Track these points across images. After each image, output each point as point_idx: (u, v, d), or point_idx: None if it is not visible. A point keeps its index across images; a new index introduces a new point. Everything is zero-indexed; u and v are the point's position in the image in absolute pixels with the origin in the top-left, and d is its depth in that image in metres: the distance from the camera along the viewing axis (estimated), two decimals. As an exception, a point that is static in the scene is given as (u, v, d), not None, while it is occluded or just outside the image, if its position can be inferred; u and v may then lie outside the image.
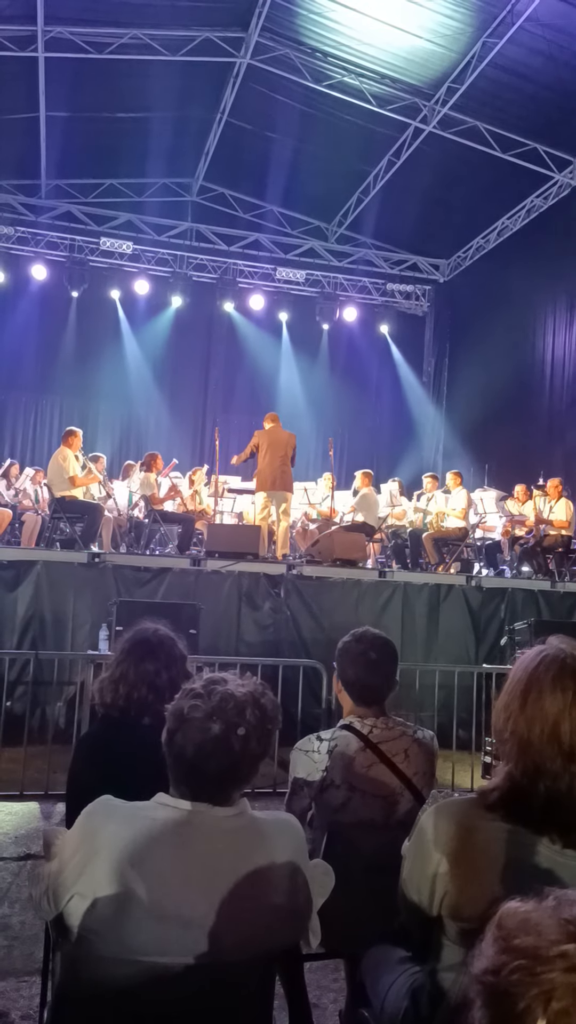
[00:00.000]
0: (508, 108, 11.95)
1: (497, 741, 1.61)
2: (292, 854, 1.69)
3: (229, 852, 1.61)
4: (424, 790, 2.64)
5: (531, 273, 14.04)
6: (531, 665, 1.59)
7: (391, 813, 2.58)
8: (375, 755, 2.61)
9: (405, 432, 17.28)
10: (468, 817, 1.59)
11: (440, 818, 1.63)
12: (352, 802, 2.58)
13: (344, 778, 2.59)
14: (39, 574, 7.36)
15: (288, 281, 16.55)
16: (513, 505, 11.34)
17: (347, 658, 2.72)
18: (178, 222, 16.16)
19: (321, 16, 11.39)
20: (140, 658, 2.50)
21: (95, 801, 1.68)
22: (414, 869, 1.67)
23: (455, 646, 8.16)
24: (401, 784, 2.60)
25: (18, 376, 15.67)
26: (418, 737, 2.71)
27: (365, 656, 2.67)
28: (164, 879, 1.55)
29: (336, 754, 2.62)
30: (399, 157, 13.61)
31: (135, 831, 1.59)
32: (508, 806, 1.56)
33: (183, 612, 6.51)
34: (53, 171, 14.70)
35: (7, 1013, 2.87)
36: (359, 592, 8.15)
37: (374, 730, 2.66)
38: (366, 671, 2.68)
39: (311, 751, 2.66)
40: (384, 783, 2.60)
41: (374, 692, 2.71)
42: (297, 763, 2.68)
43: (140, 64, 12.17)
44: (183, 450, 15.09)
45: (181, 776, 1.65)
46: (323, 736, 2.69)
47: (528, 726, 1.53)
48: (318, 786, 2.62)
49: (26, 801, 5.33)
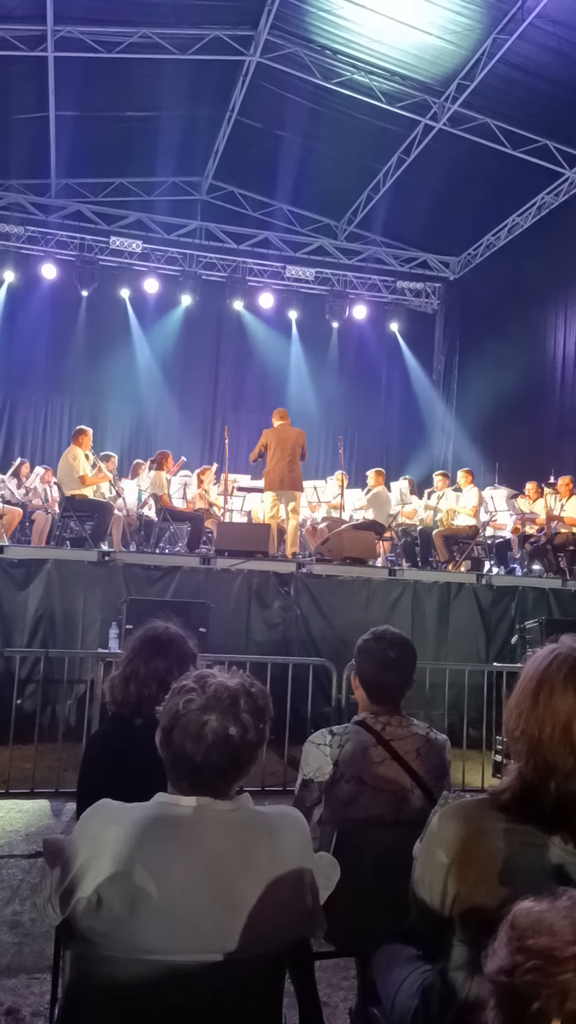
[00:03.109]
0: (518, 105, 11.89)
1: (508, 740, 1.61)
2: (297, 847, 1.69)
3: (234, 847, 1.61)
4: (435, 789, 2.63)
5: (542, 270, 13.99)
6: (543, 664, 1.58)
7: (400, 810, 2.58)
8: (387, 751, 2.61)
9: (415, 430, 17.24)
10: (479, 817, 1.59)
11: (450, 819, 1.62)
12: (362, 797, 2.59)
13: (354, 772, 2.60)
14: (49, 573, 7.37)
15: (298, 279, 16.54)
16: (524, 503, 11.29)
17: (366, 656, 2.73)
18: (187, 221, 16.18)
19: (330, 13, 11.36)
20: (151, 656, 2.50)
21: (94, 805, 1.68)
22: (425, 869, 1.66)
23: (465, 645, 8.13)
24: (412, 782, 2.60)
25: (28, 375, 15.71)
26: (431, 738, 2.71)
27: (383, 655, 2.69)
28: (169, 877, 1.55)
29: (348, 748, 2.63)
30: (409, 154, 13.57)
31: (137, 831, 1.58)
32: (519, 806, 1.55)
33: (193, 610, 6.51)
34: (63, 170, 14.73)
35: (18, 1010, 2.88)
36: (369, 590, 8.13)
37: (387, 727, 2.67)
38: (383, 669, 2.69)
39: (323, 744, 2.67)
40: (394, 779, 2.60)
41: (390, 691, 2.72)
42: (309, 756, 2.70)
43: (150, 63, 12.17)
44: (192, 449, 15.10)
45: (181, 772, 1.65)
46: (335, 730, 2.71)
47: (539, 725, 1.52)
48: (328, 779, 2.63)
49: (36, 799, 5.34)
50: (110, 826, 1.60)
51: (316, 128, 13.73)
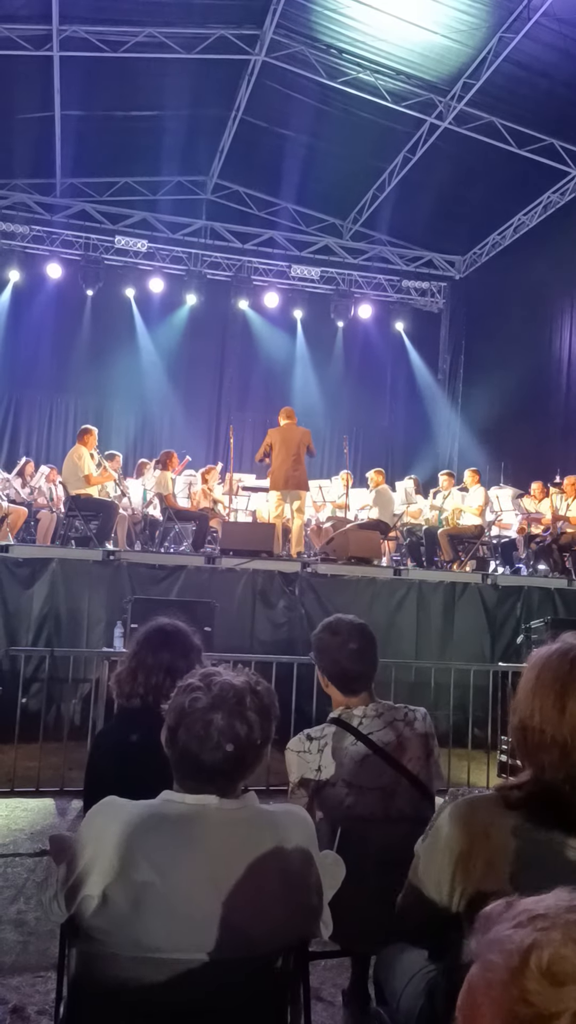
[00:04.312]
0: (524, 103, 11.86)
1: (522, 742, 1.58)
2: (302, 845, 1.68)
3: (239, 845, 1.61)
4: (421, 775, 2.58)
5: (548, 269, 13.95)
6: (561, 668, 1.55)
7: (390, 805, 2.54)
8: (367, 747, 2.57)
9: (420, 430, 17.21)
10: (488, 814, 1.57)
11: (459, 817, 1.61)
12: (351, 798, 2.54)
13: (339, 775, 2.56)
14: (54, 572, 7.38)
15: (303, 278, 16.52)
16: (529, 503, 11.27)
17: (326, 652, 2.68)
18: (193, 220, 16.17)
19: (336, 12, 11.34)
20: (157, 647, 2.50)
21: (100, 802, 1.68)
22: (431, 867, 1.64)
23: (471, 644, 8.12)
24: (397, 774, 2.56)
25: (33, 374, 15.71)
26: (409, 719, 2.65)
27: (345, 647, 2.64)
28: (175, 875, 1.54)
29: (327, 752, 2.58)
30: (414, 153, 13.54)
31: (143, 828, 1.58)
32: (537, 806, 1.53)
33: (198, 609, 6.51)
34: (68, 170, 14.73)
35: (23, 1008, 2.88)
36: (374, 590, 8.12)
37: (364, 720, 2.62)
38: (350, 661, 2.64)
39: (302, 751, 2.62)
40: (379, 775, 2.55)
41: (359, 679, 2.67)
42: (291, 764, 2.65)
43: (155, 62, 12.17)
44: (197, 448, 15.09)
45: (187, 771, 1.65)
46: (313, 735, 2.66)
47: (572, 732, 1.50)
48: (314, 786, 2.57)
49: (42, 797, 5.35)
50: (116, 823, 1.60)
51: (321, 127, 13.71)
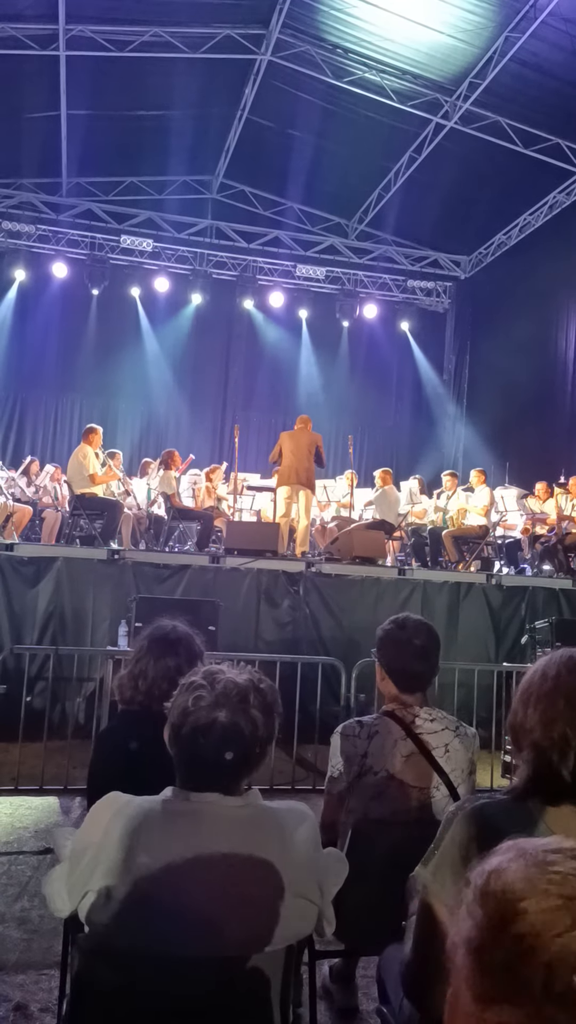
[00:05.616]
0: (530, 103, 11.84)
1: (531, 744, 1.57)
2: (306, 843, 1.68)
3: (242, 842, 1.61)
4: (460, 787, 2.58)
5: (553, 269, 13.91)
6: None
7: (425, 806, 2.54)
8: (415, 745, 2.57)
9: (425, 430, 17.20)
10: (500, 818, 1.57)
11: (471, 819, 1.60)
12: (388, 791, 2.55)
13: (382, 765, 2.56)
14: (59, 571, 7.39)
15: (308, 278, 16.51)
16: (534, 503, 11.25)
17: (391, 645, 2.67)
18: (198, 220, 16.19)
19: (342, 12, 11.34)
20: (160, 654, 2.50)
21: (104, 797, 1.68)
22: (443, 867, 1.64)
23: (475, 645, 8.11)
24: (438, 778, 2.55)
25: (38, 374, 15.74)
26: (460, 733, 2.66)
27: (411, 643, 2.63)
28: (178, 872, 1.54)
29: (376, 740, 2.58)
30: (420, 153, 13.54)
31: (146, 825, 1.58)
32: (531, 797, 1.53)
33: (202, 609, 6.52)
34: (74, 169, 14.75)
35: (27, 1005, 2.89)
36: (378, 590, 8.12)
37: (416, 720, 2.62)
38: (412, 658, 2.63)
39: (351, 735, 2.63)
40: (421, 774, 2.55)
41: (420, 679, 2.67)
42: (335, 748, 2.66)
43: (161, 62, 12.18)
44: (203, 448, 15.11)
45: (191, 768, 1.65)
46: (364, 721, 2.66)
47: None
48: (356, 770, 2.59)
49: (46, 796, 5.36)
50: (119, 819, 1.60)
51: (327, 127, 13.71)
